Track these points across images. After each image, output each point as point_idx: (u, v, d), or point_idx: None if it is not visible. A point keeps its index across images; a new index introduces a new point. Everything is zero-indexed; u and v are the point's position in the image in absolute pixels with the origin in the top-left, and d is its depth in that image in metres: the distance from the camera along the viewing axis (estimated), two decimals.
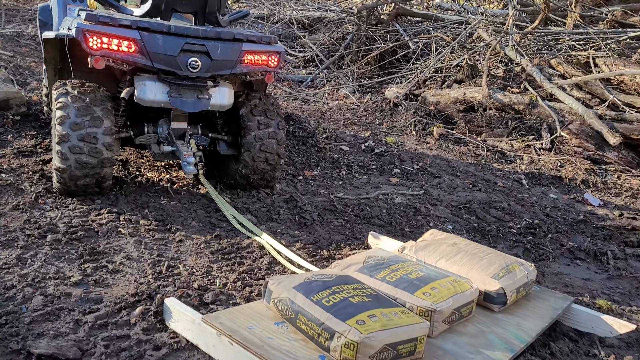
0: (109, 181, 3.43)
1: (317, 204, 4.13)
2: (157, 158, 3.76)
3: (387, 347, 1.91)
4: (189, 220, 3.44)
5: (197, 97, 3.41)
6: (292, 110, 6.86)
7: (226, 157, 4.10)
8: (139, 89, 3.29)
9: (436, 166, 5.66)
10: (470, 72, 7.63)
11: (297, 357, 1.93)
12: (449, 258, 2.73)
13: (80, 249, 2.79)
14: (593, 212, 4.69)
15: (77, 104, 3.19)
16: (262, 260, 3.05)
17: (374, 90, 9.02)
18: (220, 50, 3.32)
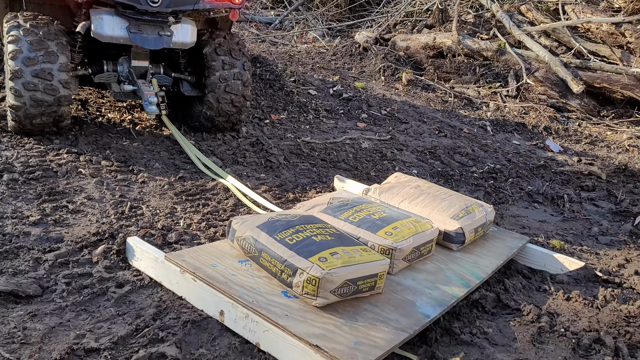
0: (67, 120, 3.31)
1: (283, 147, 4.11)
2: (118, 98, 3.64)
3: (348, 283, 1.96)
4: (152, 162, 3.39)
5: (158, 34, 3.28)
6: (260, 53, 6.69)
7: (190, 99, 4.00)
8: (96, 23, 3.14)
9: (404, 112, 5.67)
10: (440, 17, 7.54)
11: (261, 293, 1.97)
12: (411, 200, 2.79)
13: (38, 189, 2.72)
14: (553, 157, 4.82)
15: (29, 38, 3.02)
16: (227, 202, 3.05)
17: (343, 34, 8.85)
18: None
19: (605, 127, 5.90)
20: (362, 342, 1.77)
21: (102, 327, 1.81)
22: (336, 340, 1.75)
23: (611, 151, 5.30)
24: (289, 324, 1.80)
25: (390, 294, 2.14)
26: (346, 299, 2.00)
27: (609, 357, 1.92)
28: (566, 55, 6.40)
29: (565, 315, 2.22)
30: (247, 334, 1.87)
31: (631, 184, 4.30)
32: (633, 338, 2.06)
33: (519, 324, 2.12)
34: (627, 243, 3.25)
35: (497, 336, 2.04)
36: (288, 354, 1.77)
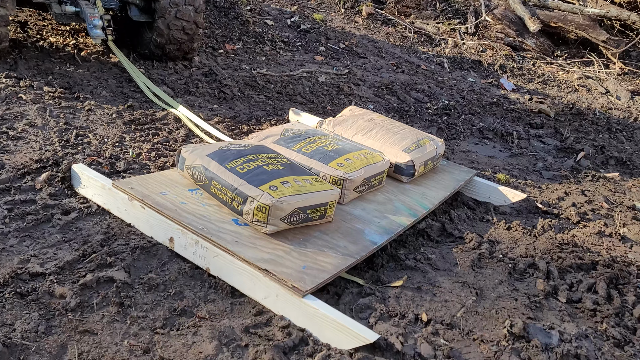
0: (4, 43, 3.10)
1: (238, 79, 4.01)
2: (60, 20, 3.41)
3: (298, 210, 1.99)
4: (99, 90, 3.24)
5: None
6: None
7: (139, 24, 3.80)
8: None
9: (362, 46, 5.60)
10: None
11: (211, 221, 1.98)
12: (365, 133, 2.80)
13: None
14: (506, 95, 4.92)
15: None
16: (177, 132, 2.98)
17: None
18: None
19: (558, 67, 6.02)
20: (310, 266, 1.83)
21: (48, 252, 1.79)
22: (285, 265, 1.80)
23: (561, 90, 5.44)
24: (238, 250, 1.82)
25: (340, 223, 2.19)
26: (296, 226, 2.04)
27: (540, 279, 2.06)
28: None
29: (504, 243, 2.34)
30: (197, 260, 1.89)
31: (577, 123, 4.46)
32: (564, 263, 2.21)
33: (460, 250, 2.23)
34: (568, 178, 3.41)
35: (439, 262, 2.14)
36: (238, 278, 1.80)
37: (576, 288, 2.03)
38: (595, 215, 2.84)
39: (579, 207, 2.92)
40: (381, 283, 1.95)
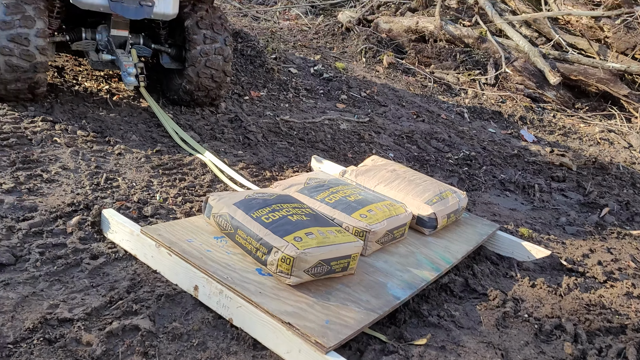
0: (42, 88, 3.24)
1: (262, 125, 4.10)
2: (96, 67, 3.57)
3: (322, 263, 2.00)
4: (129, 134, 3.34)
5: (139, 4, 3.22)
6: (241, 27, 6.59)
7: (170, 71, 3.95)
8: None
9: (383, 95, 5.70)
10: (425, 1, 7.54)
11: (235, 270, 1.99)
12: (387, 183, 2.83)
13: (12, 156, 2.67)
14: (527, 147, 4.93)
15: (5, 1, 2.93)
16: (204, 177, 3.04)
17: (327, 12, 8.78)
18: None
19: (578, 120, 6.04)
20: (333, 321, 1.82)
21: (76, 297, 1.82)
22: (308, 319, 1.79)
23: (583, 143, 5.44)
24: (262, 301, 1.83)
25: (362, 275, 2.19)
26: (319, 278, 2.04)
27: (568, 342, 2.02)
28: (545, 46, 6.50)
29: (529, 302, 2.31)
30: (221, 310, 1.90)
31: (600, 177, 4.44)
32: (592, 325, 2.16)
33: (485, 308, 2.21)
34: (593, 234, 3.38)
35: (463, 319, 2.12)
36: (260, 330, 1.80)
37: (605, 353, 1.99)
38: (622, 274, 2.79)
39: (605, 266, 2.87)
40: (404, 340, 1.93)
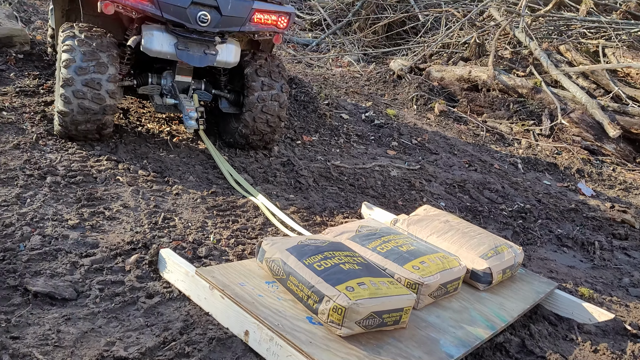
0: (109, 128, 3.42)
1: (313, 169, 4.15)
2: (159, 110, 3.75)
3: (374, 315, 1.97)
4: (187, 175, 3.46)
5: (204, 52, 3.39)
6: (295, 74, 6.80)
7: (227, 115, 4.09)
8: (146, 38, 3.26)
9: (434, 142, 5.68)
10: (477, 50, 7.56)
11: (286, 317, 1.99)
12: (440, 234, 2.79)
13: (78, 193, 2.81)
14: (585, 201, 4.76)
15: (83, 48, 3.15)
16: (256, 220, 3.09)
17: (378, 60, 8.94)
18: (231, 7, 3.29)
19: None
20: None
21: (132, 336, 1.85)
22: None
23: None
24: (312, 352, 1.81)
25: (414, 330, 2.14)
26: (370, 330, 2.01)
27: None
28: (604, 98, 6.34)
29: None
30: (271, 357, 1.89)
31: None
32: None
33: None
34: None
35: None
36: None
37: None
38: None
39: None
40: None
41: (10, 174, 2.82)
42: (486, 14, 8.37)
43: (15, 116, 3.53)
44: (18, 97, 3.86)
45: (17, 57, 4.47)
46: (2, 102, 3.66)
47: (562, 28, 7.89)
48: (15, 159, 3.01)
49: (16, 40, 4.54)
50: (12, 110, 3.60)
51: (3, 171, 2.83)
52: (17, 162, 2.96)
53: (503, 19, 7.64)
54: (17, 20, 5.12)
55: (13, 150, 3.10)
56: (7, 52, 4.46)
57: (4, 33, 4.47)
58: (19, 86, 4.01)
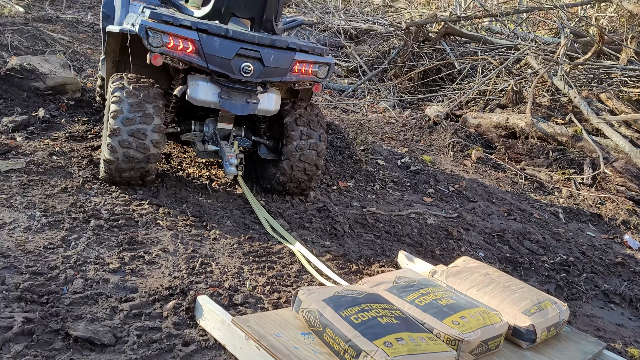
0: (152, 175, 3.52)
1: (349, 215, 4.14)
2: (200, 156, 3.85)
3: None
4: (224, 220, 3.51)
5: (246, 101, 3.49)
6: (332, 119, 6.90)
7: (265, 161, 4.15)
8: (192, 88, 3.39)
9: (472, 190, 5.60)
10: (514, 98, 7.53)
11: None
12: (480, 288, 2.71)
13: (120, 237, 2.88)
14: (632, 255, 4.56)
15: (131, 100, 3.28)
16: (291, 267, 3.09)
17: (414, 106, 9.00)
18: (273, 58, 3.40)
19: None
20: None
21: None
22: None
23: None
24: None
25: None
26: None
27: None
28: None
29: None
30: None
31: None
32: None
33: None
34: None
35: None
36: None
37: None
38: None
39: None
40: None
41: (58, 217, 2.92)
42: (523, 62, 8.38)
43: (64, 160, 3.68)
44: (68, 142, 4.04)
45: (68, 103, 4.71)
46: (53, 147, 3.84)
47: (602, 76, 7.80)
48: (62, 202, 3.12)
49: (68, 88, 4.80)
50: (61, 155, 3.76)
51: (51, 214, 2.94)
52: (64, 205, 3.07)
53: (541, 66, 7.62)
54: (70, 68, 5.42)
55: (61, 194, 3.22)
56: (60, 99, 4.71)
57: (58, 81, 4.74)
58: (69, 131, 4.20)
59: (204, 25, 3.21)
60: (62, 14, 8.82)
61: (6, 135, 3.92)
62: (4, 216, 2.83)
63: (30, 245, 2.60)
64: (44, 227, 2.78)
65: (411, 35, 9.32)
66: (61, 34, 7.34)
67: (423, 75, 9.24)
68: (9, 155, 3.56)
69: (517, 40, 9.15)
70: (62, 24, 8.08)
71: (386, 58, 9.95)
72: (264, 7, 3.49)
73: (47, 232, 2.76)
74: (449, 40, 9.77)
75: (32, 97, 4.62)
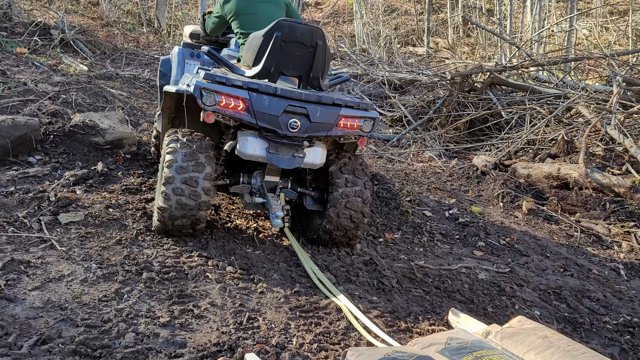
0: (202, 224, 3.61)
1: (396, 269, 4.06)
2: (248, 207, 3.95)
3: None
4: (271, 272, 3.51)
5: (293, 155, 3.59)
6: (377, 169, 6.91)
7: (310, 212, 4.19)
8: (241, 143, 3.53)
9: (524, 243, 5.41)
10: (566, 147, 7.34)
11: None
12: (538, 352, 2.57)
13: (170, 290, 2.92)
14: None
15: (184, 150, 3.45)
16: (338, 323, 3.03)
17: (461, 155, 8.90)
18: (320, 114, 3.51)
19: None
20: None
21: None
22: None
23: None
24: None
25: None
26: None
27: None
28: None
29: None
30: None
31: None
32: None
33: None
34: None
35: None
36: None
37: None
38: None
39: None
40: None
41: (112, 269, 3.01)
42: (574, 111, 8.21)
43: (119, 212, 3.83)
44: (123, 194, 4.21)
45: (125, 157, 4.95)
46: (109, 199, 4.01)
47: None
48: (117, 254, 3.22)
49: (125, 142, 5.05)
50: (117, 207, 3.92)
51: (106, 266, 3.03)
52: (119, 258, 3.17)
53: (593, 116, 7.44)
54: (128, 123, 5.72)
55: (116, 246, 3.33)
56: (117, 152, 4.96)
57: (116, 136, 5.00)
58: (125, 184, 4.39)
59: (254, 85, 3.38)
60: (122, 71, 9.39)
61: (67, 188, 4.13)
62: (63, 268, 2.94)
63: (85, 297, 2.68)
64: (99, 279, 2.87)
65: (456, 86, 9.35)
66: (120, 90, 7.79)
67: (469, 124, 9.18)
68: (69, 207, 3.74)
69: (567, 88, 9.01)
70: (121, 80, 8.59)
71: (431, 107, 9.99)
72: (311, 66, 3.64)
73: (101, 284, 2.84)
74: (495, 90, 9.72)
75: (92, 151, 4.89)
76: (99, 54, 10.36)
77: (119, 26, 13.74)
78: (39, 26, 9.92)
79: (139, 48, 11.39)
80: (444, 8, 24.36)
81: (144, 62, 10.38)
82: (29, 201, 3.81)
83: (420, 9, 22.56)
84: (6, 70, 7.38)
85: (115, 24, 13.84)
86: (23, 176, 4.27)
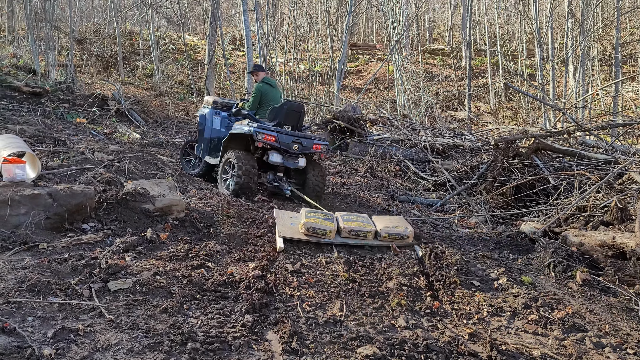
0: (253, 186, 7.33)
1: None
2: (270, 188, 7.63)
3: None
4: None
5: (294, 161, 7.46)
6: (421, 233, 6.78)
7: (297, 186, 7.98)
8: (271, 156, 7.30)
9: (580, 316, 5.10)
10: (619, 215, 7.03)
11: None
12: None
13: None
14: None
15: (242, 159, 7.29)
16: None
17: (508, 222, 8.67)
18: (306, 143, 7.47)
19: None
20: None
21: None
22: None
23: None
24: None
25: None
26: None
27: None
28: None
29: None
30: None
31: None
32: None
33: None
34: None
35: None
36: None
37: None
38: None
39: None
40: None
41: (157, 338, 3.01)
42: (626, 177, 7.94)
43: (166, 280, 3.88)
44: (170, 261, 4.28)
45: (173, 223, 5.07)
46: (157, 267, 4.08)
47: None
48: (162, 322, 3.23)
49: (174, 209, 5.19)
50: (164, 275, 3.98)
51: (152, 335, 3.04)
52: (164, 327, 3.18)
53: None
54: (177, 190, 5.90)
55: (161, 314, 3.35)
56: (166, 219, 5.09)
57: (166, 203, 5.16)
58: (172, 251, 4.47)
59: (277, 128, 7.27)
60: (172, 138, 9.83)
61: (117, 255, 4.24)
62: (110, 337, 2.97)
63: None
64: (144, 349, 2.87)
65: (500, 151, 9.25)
66: (170, 157, 8.13)
67: (516, 189, 8.99)
68: (118, 275, 3.83)
69: (617, 153, 8.77)
70: (171, 147, 8.97)
71: (475, 172, 9.88)
72: (298, 120, 7.81)
73: (147, 355, 2.83)
74: (541, 155, 9.57)
75: (142, 218, 5.04)
76: (151, 122, 10.92)
77: (170, 96, 14.54)
78: (98, 98, 10.61)
79: (188, 116, 11.95)
80: (484, 73, 24.65)
81: (192, 129, 10.84)
82: (82, 268, 3.92)
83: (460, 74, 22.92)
84: (67, 140, 7.86)
85: (167, 94, 14.65)
86: (77, 243, 4.43)
